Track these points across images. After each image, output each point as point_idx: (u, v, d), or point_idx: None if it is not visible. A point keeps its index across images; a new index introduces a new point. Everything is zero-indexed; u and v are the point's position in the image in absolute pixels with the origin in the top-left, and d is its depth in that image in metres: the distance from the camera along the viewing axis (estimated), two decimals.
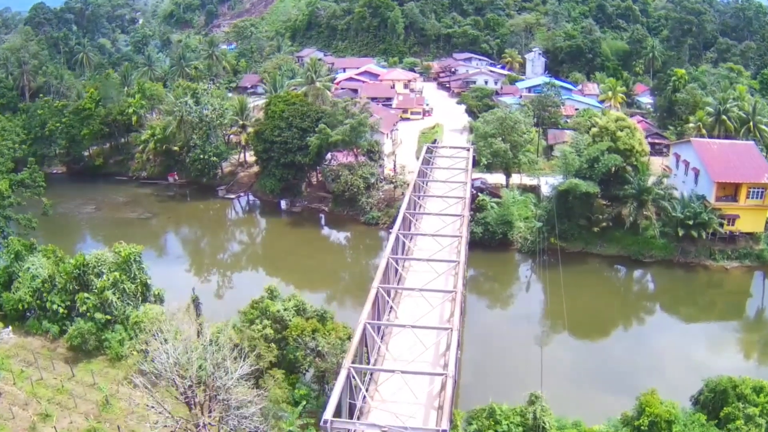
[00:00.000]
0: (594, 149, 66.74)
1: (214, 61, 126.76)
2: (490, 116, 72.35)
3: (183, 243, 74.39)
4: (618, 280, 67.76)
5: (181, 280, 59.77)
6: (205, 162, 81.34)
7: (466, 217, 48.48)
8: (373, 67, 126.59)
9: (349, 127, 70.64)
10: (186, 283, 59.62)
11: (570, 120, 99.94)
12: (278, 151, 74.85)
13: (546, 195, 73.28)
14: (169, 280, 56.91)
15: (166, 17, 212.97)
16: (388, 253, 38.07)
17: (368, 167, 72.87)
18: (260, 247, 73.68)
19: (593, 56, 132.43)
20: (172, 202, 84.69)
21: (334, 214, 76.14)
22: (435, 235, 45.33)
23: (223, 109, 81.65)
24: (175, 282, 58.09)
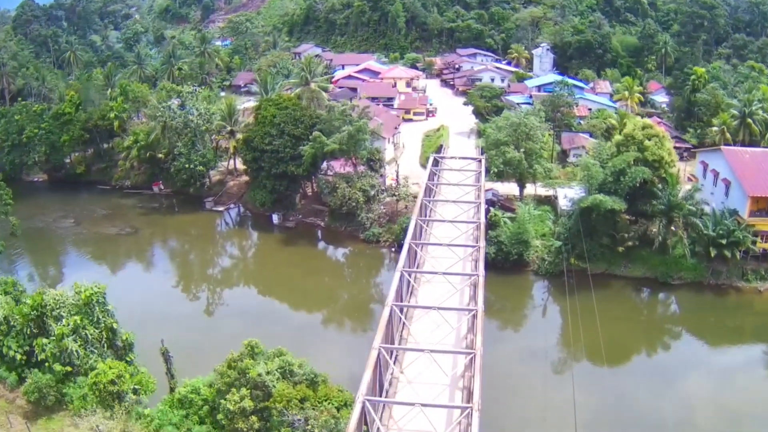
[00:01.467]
0: (619, 160, 58.69)
1: (206, 59, 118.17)
2: (503, 121, 64.20)
3: (163, 265, 66.09)
4: (644, 305, 60.03)
5: (157, 313, 52.27)
6: (191, 172, 73.33)
7: (482, 249, 40.65)
8: (374, 64, 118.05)
9: (346, 135, 62.57)
10: (163, 314, 52.37)
11: (584, 121, 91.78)
12: (269, 160, 66.80)
13: (564, 209, 65.43)
14: (143, 313, 49.89)
15: (161, 12, 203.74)
16: (401, 266, 33.08)
17: (368, 178, 64.86)
18: (249, 268, 65.45)
19: (603, 52, 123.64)
20: (156, 215, 76.74)
21: (330, 229, 68.19)
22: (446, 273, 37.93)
23: (210, 113, 73.45)
24: (150, 316, 50.75)
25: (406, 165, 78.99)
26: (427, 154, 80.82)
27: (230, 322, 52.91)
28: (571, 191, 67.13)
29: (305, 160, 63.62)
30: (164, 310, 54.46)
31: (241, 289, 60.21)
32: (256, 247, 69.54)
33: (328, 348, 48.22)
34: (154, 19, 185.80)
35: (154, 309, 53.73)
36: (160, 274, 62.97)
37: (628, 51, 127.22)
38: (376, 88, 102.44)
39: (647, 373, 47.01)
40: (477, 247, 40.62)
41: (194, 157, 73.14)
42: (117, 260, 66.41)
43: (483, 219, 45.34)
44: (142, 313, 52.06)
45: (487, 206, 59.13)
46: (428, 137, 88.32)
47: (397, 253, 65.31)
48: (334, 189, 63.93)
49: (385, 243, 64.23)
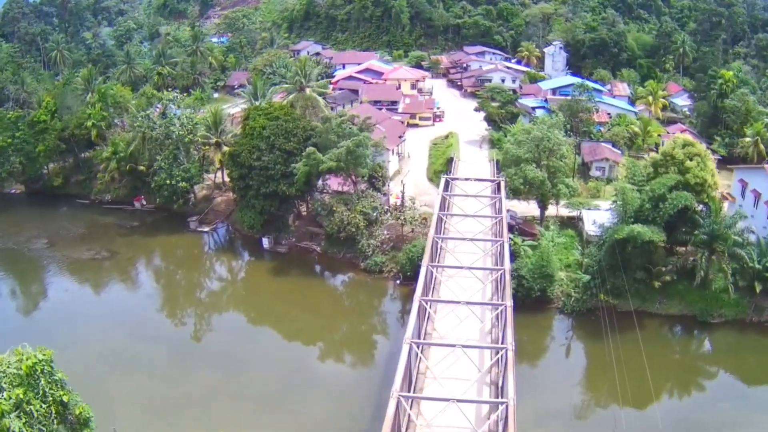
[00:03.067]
0: (658, 184, 49.49)
1: (198, 58, 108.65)
2: (522, 135, 54.93)
3: (137, 299, 56.34)
4: (683, 348, 51.10)
5: (125, 358, 44.69)
6: (173, 188, 64.38)
7: (509, 308, 31.80)
8: (376, 64, 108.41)
9: (344, 151, 53.45)
10: (133, 359, 44.51)
11: (603, 128, 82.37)
12: (257, 178, 57.70)
13: (590, 234, 56.40)
14: (110, 355, 44.15)
15: (159, 8, 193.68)
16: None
17: (369, 199, 55.77)
18: (233, 303, 55.73)
19: (619, 51, 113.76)
20: (136, 235, 67.73)
21: (327, 256, 59.05)
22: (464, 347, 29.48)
23: (193, 124, 64.22)
24: (117, 361, 43.93)
25: (413, 178, 69.79)
26: (436, 166, 71.79)
27: (210, 368, 44.34)
28: (599, 214, 58.14)
29: (298, 179, 54.52)
30: (134, 353, 45.96)
31: (224, 329, 51.16)
32: (243, 276, 60.29)
33: (323, 399, 40.33)
34: (151, 14, 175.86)
35: (122, 352, 45.81)
36: (132, 309, 53.99)
37: (644, 50, 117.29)
38: (378, 90, 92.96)
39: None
40: (503, 306, 32.38)
41: (176, 173, 64.06)
42: (85, 294, 57.55)
43: (508, 265, 36.60)
44: (109, 355, 45.05)
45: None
46: (436, 146, 79.08)
47: (403, 286, 57.01)
48: (331, 212, 54.88)
49: (388, 273, 55.14)
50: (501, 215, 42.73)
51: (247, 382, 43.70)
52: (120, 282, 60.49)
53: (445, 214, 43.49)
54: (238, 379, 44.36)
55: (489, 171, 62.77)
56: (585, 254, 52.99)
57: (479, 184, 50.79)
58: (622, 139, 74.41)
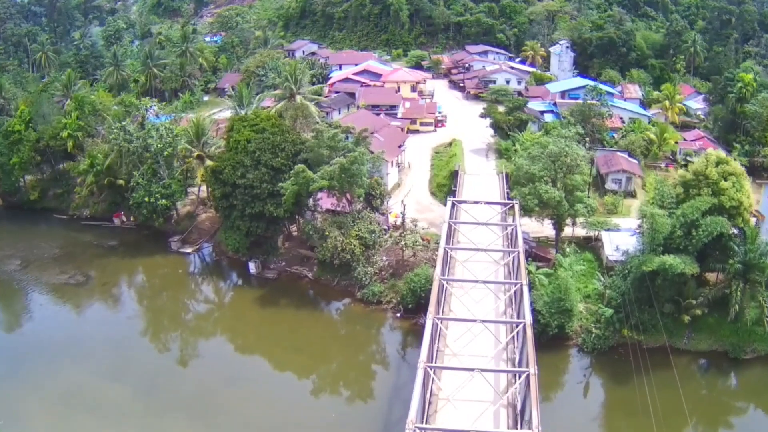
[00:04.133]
0: (691, 209, 43.03)
1: (188, 59, 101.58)
2: (536, 149, 48.30)
3: (107, 330, 49.40)
4: (715, 387, 45.00)
5: (89, 402, 39.73)
6: (152, 207, 57.91)
7: (533, 377, 25.50)
8: (374, 65, 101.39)
9: (338, 168, 46.91)
10: (97, 405, 39.51)
11: (617, 134, 75.56)
12: (242, 197, 51.08)
13: (612, 259, 49.94)
14: (73, 397, 40.02)
15: (153, 6, 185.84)
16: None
17: (366, 221, 49.23)
18: (214, 340, 48.94)
19: (627, 51, 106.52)
20: (114, 257, 61.16)
21: (320, 283, 52.53)
22: None
23: (173, 135, 57.51)
24: (80, 407, 39.36)
25: (414, 193, 63.14)
26: (439, 179, 64.98)
27: (186, 415, 38.71)
28: (620, 237, 51.68)
29: (285, 200, 47.94)
30: (100, 395, 40.71)
31: (203, 367, 44.60)
32: (226, 306, 53.55)
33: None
34: (143, 13, 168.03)
35: (87, 392, 40.94)
36: (103, 342, 47.40)
37: (653, 50, 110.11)
38: (376, 94, 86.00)
39: None
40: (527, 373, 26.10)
41: (155, 189, 57.45)
42: (55, 323, 51.13)
43: (528, 317, 30.17)
44: (72, 395, 40.58)
45: None
46: (438, 154, 72.25)
47: (403, 319, 50.65)
48: (323, 236, 48.40)
49: (387, 304, 48.80)
50: (517, 249, 36.32)
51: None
52: (93, 311, 54.03)
53: (452, 248, 37.05)
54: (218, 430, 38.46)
55: (498, 186, 56.36)
56: (607, 285, 46.54)
57: (490, 209, 44.28)
58: (639, 148, 67.68)
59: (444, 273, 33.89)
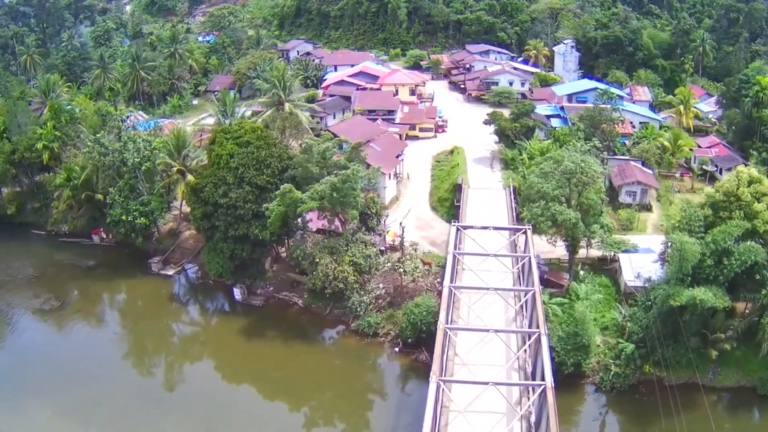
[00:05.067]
0: (722, 234, 37.83)
1: (177, 61, 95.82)
2: (548, 165, 42.92)
3: (77, 364, 43.99)
4: (746, 429, 39.94)
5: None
6: (130, 225, 52.62)
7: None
8: (371, 66, 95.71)
9: (328, 188, 41.61)
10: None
11: (628, 141, 70.07)
12: (224, 218, 45.82)
13: (631, 284, 44.73)
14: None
15: (147, 5, 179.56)
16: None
17: (361, 245, 43.95)
18: (191, 378, 43.37)
19: (634, 50, 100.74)
20: (91, 279, 55.76)
21: (311, 311, 47.17)
22: None
23: (151, 149, 52.06)
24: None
25: (414, 207, 57.52)
26: (440, 192, 59.38)
27: None
28: (639, 259, 46.42)
29: (271, 223, 42.61)
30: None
31: (180, 411, 39.39)
32: (207, 338, 47.90)
33: None
34: (135, 12, 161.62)
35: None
36: (71, 377, 41.95)
37: (660, 49, 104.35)
38: (373, 98, 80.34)
39: None
40: None
41: (133, 207, 52.09)
42: (21, 356, 45.89)
43: (549, 379, 25.03)
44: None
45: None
46: (439, 163, 66.76)
47: (403, 354, 45.29)
48: (313, 262, 43.11)
49: (385, 337, 43.60)
50: (533, 289, 31.03)
51: None
52: (65, 341, 48.67)
53: (457, 287, 31.75)
54: None
55: (505, 202, 51.07)
56: (628, 317, 41.33)
57: (499, 235, 38.94)
58: (653, 157, 62.25)
59: (448, 320, 28.63)
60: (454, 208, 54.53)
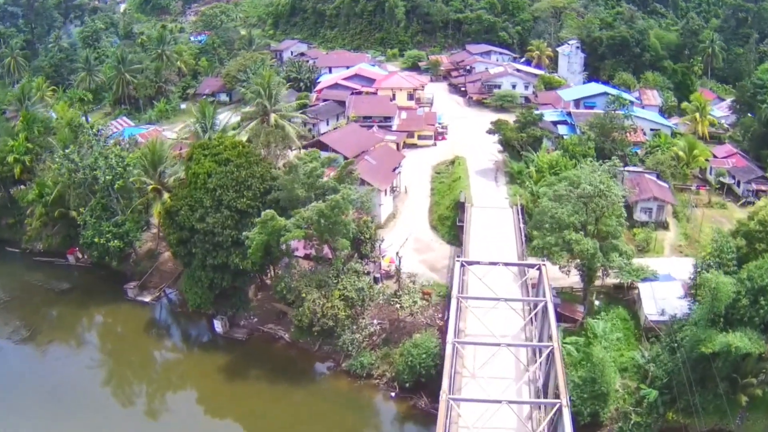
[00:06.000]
0: (759, 270, 32.82)
1: (164, 63, 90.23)
2: (563, 187, 37.81)
3: (41, 406, 38.61)
4: None
5: None
6: (103, 248, 47.54)
7: None
8: (367, 69, 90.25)
9: (315, 214, 36.55)
10: None
11: (641, 150, 64.82)
12: (202, 245, 40.82)
13: (653, 319, 39.77)
14: None
15: (140, 3, 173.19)
16: None
17: (353, 277, 38.90)
18: (165, 423, 38.28)
19: (641, 51, 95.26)
20: (64, 304, 50.61)
21: (298, 347, 41.97)
22: None
23: (123, 165, 46.83)
24: None
25: (411, 226, 52.34)
26: (440, 209, 53.89)
27: None
28: (660, 289, 41.41)
29: (252, 253, 37.56)
30: None
31: None
32: (185, 377, 42.43)
33: None
34: (126, 12, 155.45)
35: None
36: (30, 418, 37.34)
37: (668, 50, 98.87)
38: (369, 103, 74.92)
39: None
40: None
41: (106, 228, 46.97)
42: None
43: None
44: None
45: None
46: (439, 175, 61.49)
47: (399, 400, 40.14)
48: (299, 297, 38.05)
49: (379, 378, 38.58)
50: (551, 345, 26.04)
51: None
52: (29, 377, 43.73)
53: (462, 342, 26.68)
54: None
55: (512, 224, 45.84)
56: (650, 359, 36.37)
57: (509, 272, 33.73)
58: (669, 168, 57.06)
59: (451, 389, 23.56)
60: (456, 228, 49.60)
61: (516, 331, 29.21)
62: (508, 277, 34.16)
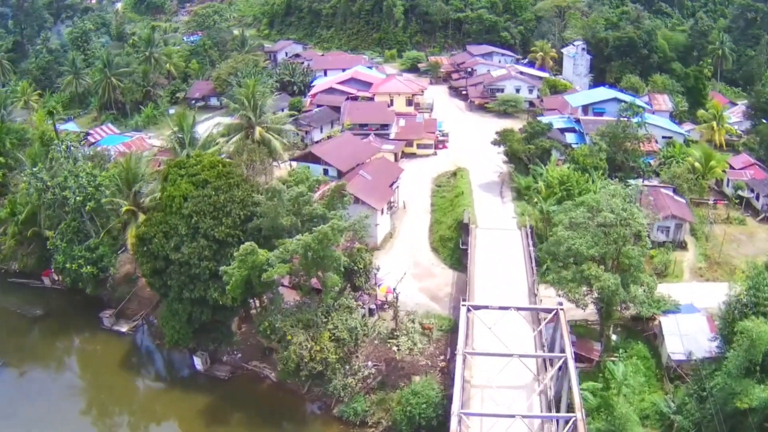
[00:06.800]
0: None
1: (152, 66, 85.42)
2: (580, 214, 33.31)
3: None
4: None
5: None
6: (76, 274, 43.14)
7: None
8: (363, 72, 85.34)
9: (301, 248, 32.13)
10: None
11: (654, 160, 60.19)
12: (177, 277, 36.46)
13: (678, 359, 35.38)
14: None
15: (135, 3, 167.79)
16: None
17: (345, 315, 34.52)
18: None
19: (649, 52, 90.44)
20: (37, 332, 46.30)
21: (285, 388, 37.55)
22: None
23: (95, 185, 42.31)
24: None
25: (410, 248, 47.77)
26: (441, 229, 49.03)
27: None
28: (683, 323, 36.99)
29: (230, 289, 33.14)
30: None
31: None
32: (161, 418, 38.03)
33: None
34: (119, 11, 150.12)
35: None
36: None
37: (676, 52, 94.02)
38: (365, 110, 70.15)
39: None
40: None
41: (78, 253, 42.55)
42: None
43: None
44: None
45: None
46: (440, 189, 56.89)
47: None
48: (283, 339, 33.63)
49: (375, 427, 34.21)
50: (574, 416, 21.73)
51: None
52: None
53: (468, 414, 22.31)
54: None
55: (521, 249, 41.33)
56: (675, 408, 32.02)
57: (521, 318, 29.28)
58: (687, 183, 52.46)
59: None
60: (459, 250, 45.15)
61: (531, 403, 24.68)
62: (519, 321, 29.73)
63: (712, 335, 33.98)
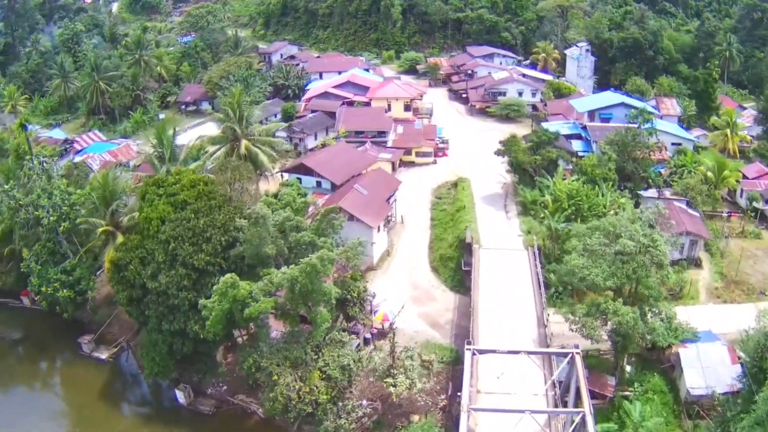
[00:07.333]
0: None
1: (141, 69, 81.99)
2: (597, 240, 30.04)
3: None
4: None
5: None
6: (52, 298, 40.03)
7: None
8: (360, 75, 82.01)
9: (287, 281, 28.94)
10: None
11: (665, 169, 56.89)
12: (156, 307, 33.34)
13: (697, 394, 32.31)
14: None
15: (130, 3, 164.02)
16: None
17: (337, 350, 31.37)
18: None
19: (654, 54, 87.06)
20: (12, 358, 43.27)
21: (273, 425, 34.45)
22: None
23: (69, 204, 39.13)
24: None
25: (408, 268, 44.42)
26: (442, 247, 45.61)
27: None
28: (703, 353, 33.87)
29: (210, 324, 30.03)
30: None
31: None
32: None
33: None
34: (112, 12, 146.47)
35: None
36: None
37: (682, 53, 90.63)
38: (361, 116, 66.80)
39: None
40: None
41: (53, 275, 39.47)
42: None
43: None
44: None
45: None
46: (440, 201, 53.53)
47: None
48: (270, 378, 30.51)
49: None
50: None
51: None
52: None
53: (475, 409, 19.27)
54: None
55: (528, 272, 38.18)
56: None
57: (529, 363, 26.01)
58: (699, 195, 49.25)
59: None
60: (461, 271, 42.00)
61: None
62: (529, 365, 26.54)
63: (734, 369, 30.89)
